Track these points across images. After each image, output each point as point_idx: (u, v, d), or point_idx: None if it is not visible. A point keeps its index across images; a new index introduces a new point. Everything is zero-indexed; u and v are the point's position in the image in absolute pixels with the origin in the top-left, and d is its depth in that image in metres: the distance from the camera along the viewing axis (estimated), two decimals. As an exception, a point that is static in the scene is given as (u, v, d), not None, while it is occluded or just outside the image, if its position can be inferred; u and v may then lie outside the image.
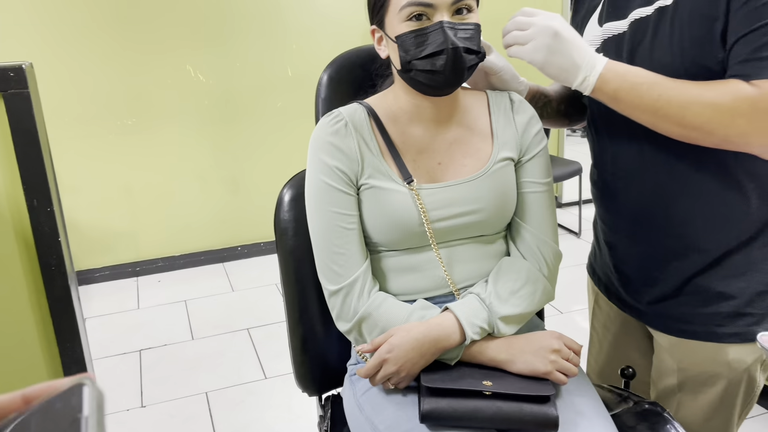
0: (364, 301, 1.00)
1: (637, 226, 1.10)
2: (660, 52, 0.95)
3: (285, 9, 3.28)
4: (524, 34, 0.96)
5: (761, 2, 0.83)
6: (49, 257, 1.49)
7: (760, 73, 0.85)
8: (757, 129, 0.86)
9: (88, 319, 2.90)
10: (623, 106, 0.95)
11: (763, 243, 1.00)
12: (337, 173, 1.00)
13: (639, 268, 1.14)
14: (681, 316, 1.08)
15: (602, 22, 1.07)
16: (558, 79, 0.97)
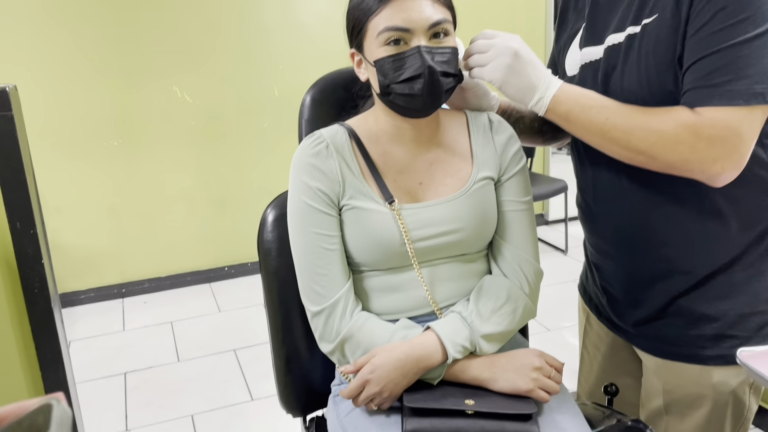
0: (346, 322, 1.00)
1: (621, 248, 1.11)
2: (629, 78, 0.97)
3: (271, 31, 3.31)
4: (485, 55, 0.98)
5: (712, 30, 0.85)
6: (31, 280, 1.48)
7: (703, 101, 0.86)
8: (699, 157, 0.87)
9: (73, 341, 2.87)
10: (574, 128, 0.97)
11: (745, 265, 1.01)
12: (319, 194, 1.01)
13: (624, 290, 1.14)
14: (666, 337, 1.09)
15: (582, 46, 1.10)
16: (515, 98, 0.99)
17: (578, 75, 1.09)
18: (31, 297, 1.49)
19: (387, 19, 0.93)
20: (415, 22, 0.92)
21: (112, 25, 3.05)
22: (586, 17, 1.10)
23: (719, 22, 0.84)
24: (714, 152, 0.86)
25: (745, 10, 0.82)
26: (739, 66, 0.83)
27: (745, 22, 0.82)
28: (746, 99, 0.84)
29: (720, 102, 0.85)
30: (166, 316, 3.10)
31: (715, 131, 0.85)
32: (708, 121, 0.86)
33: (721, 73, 0.84)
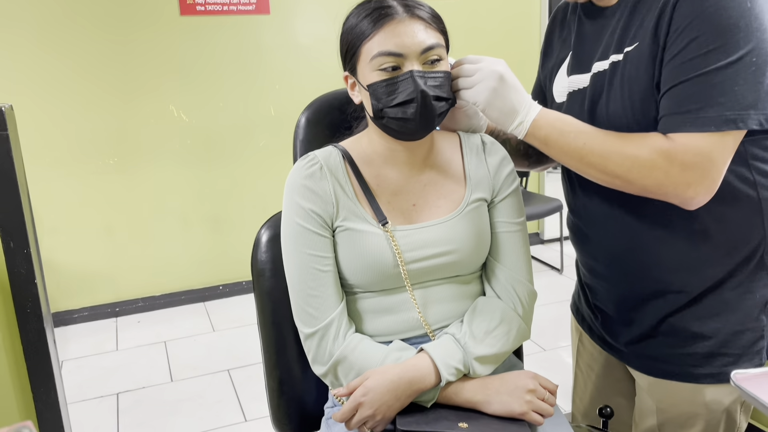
0: (339, 344, 0.99)
1: (612, 269, 1.12)
2: (614, 105, 0.99)
3: (268, 50, 3.34)
4: (471, 78, 1.00)
5: (685, 59, 0.87)
6: (24, 300, 1.47)
7: (676, 128, 0.89)
8: (673, 181, 0.90)
9: (65, 361, 2.84)
10: (553, 152, 1.00)
11: (735, 284, 1.01)
12: (312, 216, 1.01)
13: (617, 309, 1.15)
14: (659, 356, 1.09)
15: (569, 73, 1.12)
16: (497, 121, 1.01)
17: (566, 102, 1.12)
18: (23, 317, 1.48)
19: (380, 43, 0.94)
20: (408, 47, 0.93)
21: (109, 44, 3.07)
22: (572, 46, 1.13)
23: (692, 51, 0.87)
24: (687, 177, 0.89)
25: (717, 39, 0.85)
26: (710, 94, 0.86)
27: (716, 51, 0.85)
28: (717, 125, 0.86)
29: (692, 128, 0.88)
30: (159, 336, 3.08)
31: (688, 157, 0.88)
32: (681, 147, 0.88)
33: (693, 100, 0.87)
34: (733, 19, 0.85)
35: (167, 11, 3.13)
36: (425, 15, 0.96)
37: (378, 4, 0.96)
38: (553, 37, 1.23)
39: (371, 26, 0.94)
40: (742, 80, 0.85)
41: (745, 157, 0.96)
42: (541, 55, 1.27)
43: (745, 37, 0.85)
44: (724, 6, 0.85)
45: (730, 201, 0.97)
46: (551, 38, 1.24)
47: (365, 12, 0.96)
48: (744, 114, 0.86)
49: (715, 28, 0.85)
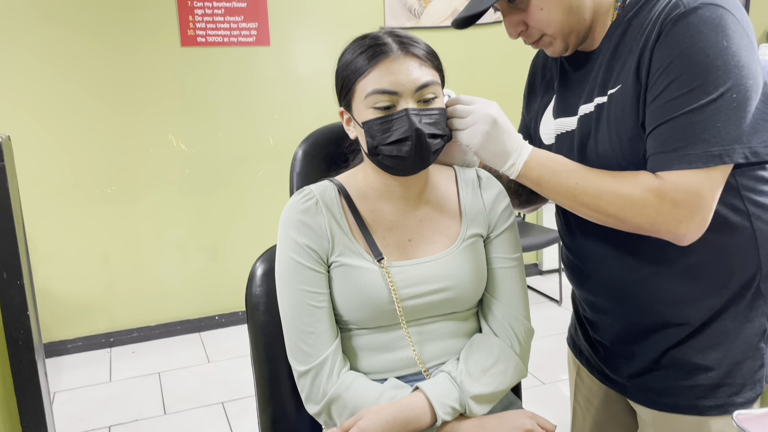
0: (333, 382, 0.98)
1: (612, 305, 1.12)
2: (603, 146, 1.00)
3: (267, 81, 3.36)
4: (464, 120, 1.01)
5: (669, 98, 0.89)
6: (16, 332, 1.45)
7: (664, 166, 0.91)
8: (665, 219, 0.91)
9: (57, 392, 2.80)
10: (546, 191, 1.01)
11: (735, 313, 1.02)
12: (307, 251, 1.00)
13: (617, 343, 1.14)
14: (661, 389, 1.08)
15: (555, 116, 1.13)
16: (489, 162, 1.02)
17: (555, 144, 1.13)
18: (14, 349, 1.46)
19: (375, 81, 0.94)
20: (402, 85, 0.93)
21: (109, 73, 3.09)
22: (557, 89, 1.14)
23: (673, 91, 0.89)
24: (678, 214, 0.90)
25: (697, 79, 0.87)
26: (694, 131, 0.88)
27: (697, 90, 0.87)
28: (704, 161, 0.88)
29: (680, 166, 0.89)
30: (153, 367, 3.04)
31: (678, 194, 0.90)
32: (671, 185, 0.90)
33: (678, 138, 0.89)
34: (710, 59, 0.87)
35: (168, 42, 3.16)
36: (420, 52, 0.96)
37: (373, 41, 0.96)
38: (535, 81, 1.25)
39: (366, 63, 0.95)
40: (724, 117, 0.87)
41: (737, 189, 0.97)
42: (525, 98, 1.29)
43: (723, 75, 0.87)
44: (701, 47, 0.87)
45: (725, 233, 0.98)
46: (534, 81, 1.26)
47: (360, 49, 0.96)
48: (729, 149, 0.88)
49: (694, 68, 0.88)
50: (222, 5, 3.20)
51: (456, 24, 1.06)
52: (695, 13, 0.88)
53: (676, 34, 0.89)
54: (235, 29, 3.25)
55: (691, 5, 0.89)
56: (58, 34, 2.98)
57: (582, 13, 1.00)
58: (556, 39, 1.03)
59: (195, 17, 3.17)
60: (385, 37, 0.96)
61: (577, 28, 1.02)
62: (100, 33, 3.05)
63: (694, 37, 0.88)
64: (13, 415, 1.48)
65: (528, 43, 1.07)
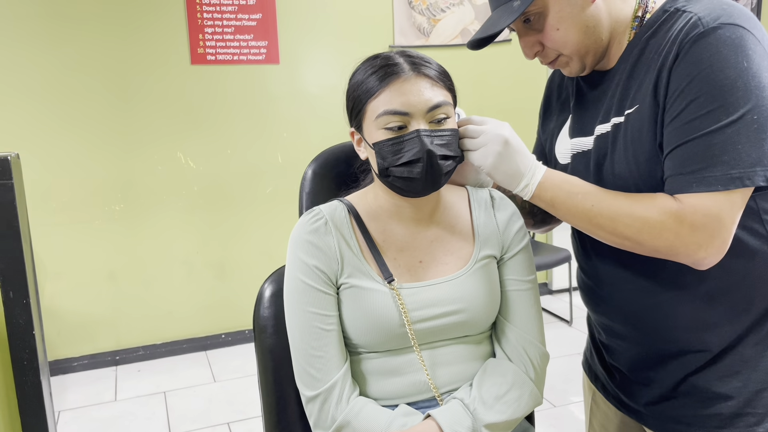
0: (342, 408, 0.95)
1: (629, 329, 1.09)
2: (620, 166, 0.99)
3: (276, 99, 3.37)
4: (476, 141, 0.99)
5: (686, 120, 0.88)
6: (21, 351, 1.44)
7: (683, 188, 0.89)
8: (684, 243, 0.89)
9: (62, 412, 2.78)
10: (561, 213, 0.99)
11: (754, 341, 0.99)
12: (316, 272, 0.98)
13: (635, 369, 1.11)
14: (680, 417, 1.05)
15: (572, 136, 1.12)
16: (502, 183, 1.01)
17: (571, 164, 1.11)
18: (19, 369, 1.45)
19: (386, 102, 0.92)
20: (414, 105, 0.92)
21: (119, 90, 3.11)
22: (572, 109, 1.13)
23: (692, 112, 0.87)
24: (697, 238, 0.88)
25: (716, 100, 0.86)
26: (714, 153, 0.86)
27: (716, 111, 0.86)
28: (724, 184, 0.86)
29: (699, 189, 0.87)
30: (159, 386, 3.01)
31: (697, 218, 0.88)
32: (690, 208, 0.88)
33: (697, 160, 0.87)
34: (730, 80, 0.85)
35: (178, 60, 3.18)
36: (432, 73, 0.95)
37: (384, 61, 0.95)
38: (551, 100, 1.24)
39: (377, 84, 0.93)
40: (744, 138, 0.85)
41: (757, 212, 0.95)
42: (540, 117, 1.28)
43: (744, 96, 0.85)
44: (720, 67, 0.86)
45: (745, 257, 0.95)
46: (549, 101, 1.24)
47: (372, 69, 0.95)
48: (750, 171, 0.85)
49: (713, 89, 0.86)
50: (232, 24, 3.22)
51: (471, 45, 1.05)
52: (714, 33, 0.86)
53: (695, 54, 0.87)
54: (245, 47, 3.27)
55: (710, 25, 0.87)
56: (68, 53, 3.01)
57: (599, 32, 0.99)
58: (573, 59, 1.02)
59: (205, 35, 3.19)
60: (397, 57, 0.95)
61: (593, 48, 1.00)
62: (110, 51, 3.07)
63: (713, 57, 0.86)
64: (16, 436, 1.47)
65: (544, 63, 1.06)
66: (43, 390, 1.49)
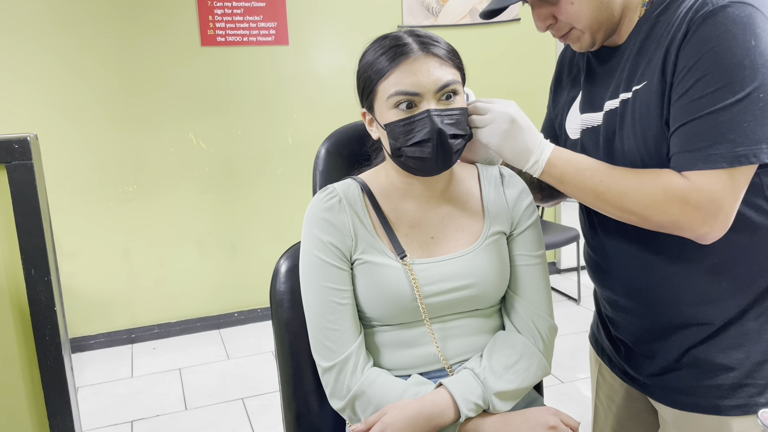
0: (357, 378, 0.99)
1: (633, 302, 1.11)
2: (628, 142, 1.00)
3: (286, 80, 3.39)
4: (483, 118, 1.01)
5: (693, 98, 0.89)
6: (43, 327, 1.48)
7: (689, 166, 0.90)
8: (688, 218, 0.91)
9: (81, 388, 2.85)
10: (569, 189, 1.01)
11: (757, 314, 1.01)
12: (331, 248, 1.01)
13: (639, 342, 1.14)
14: (683, 388, 1.07)
15: (582, 111, 1.14)
16: (511, 161, 1.02)
17: (580, 139, 1.13)
18: (42, 344, 1.49)
19: (397, 82, 0.94)
20: (424, 86, 0.94)
21: (131, 73, 3.13)
22: (582, 85, 1.14)
23: (699, 90, 0.89)
24: (701, 214, 0.90)
25: (723, 78, 0.87)
26: (720, 131, 0.88)
27: (723, 89, 0.87)
28: (729, 162, 0.88)
29: (705, 166, 0.89)
30: (174, 363, 3.08)
31: (702, 194, 0.89)
32: (695, 184, 0.90)
33: (703, 138, 0.89)
34: (737, 58, 0.86)
35: (188, 42, 3.19)
36: (441, 52, 0.96)
37: (394, 41, 0.96)
38: (562, 76, 1.25)
39: (387, 64, 0.95)
40: (750, 116, 0.86)
41: (761, 188, 0.96)
42: (551, 92, 1.29)
43: (750, 75, 0.86)
44: (728, 45, 0.87)
45: (747, 233, 0.97)
46: (560, 76, 1.26)
47: (381, 49, 0.97)
48: (755, 149, 0.87)
49: (720, 67, 0.87)
50: (241, 5, 3.23)
51: (483, 15, 1.07)
52: (723, 12, 0.87)
53: (703, 32, 0.89)
54: (255, 29, 3.28)
55: (719, 3, 0.88)
56: (81, 37, 3.03)
57: (612, 8, 1.00)
58: (585, 33, 1.03)
59: (215, 17, 3.20)
60: (406, 37, 0.97)
61: (606, 23, 1.02)
62: (121, 34, 3.09)
63: (721, 35, 0.87)
64: (40, 409, 1.51)
65: (556, 37, 1.07)
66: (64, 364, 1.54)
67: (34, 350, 1.48)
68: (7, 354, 1.43)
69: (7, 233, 1.40)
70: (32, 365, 1.48)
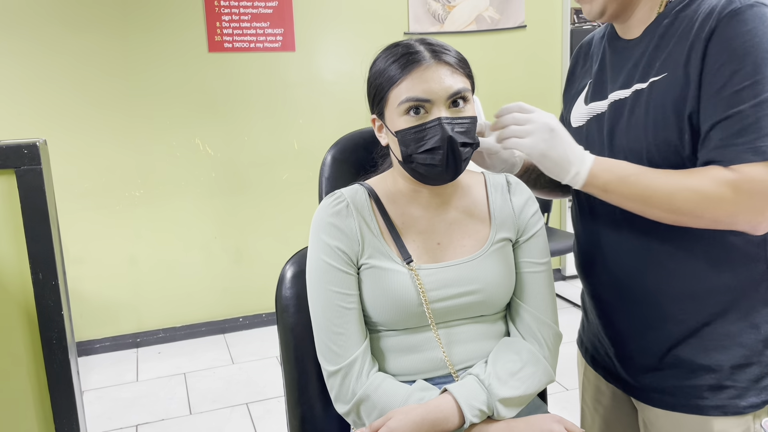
0: (362, 383, 0.99)
1: (616, 298, 1.13)
2: (635, 131, 1.02)
3: (292, 86, 3.40)
4: (522, 128, 1.01)
5: (733, 89, 0.90)
6: (50, 331, 1.49)
7: (737, 158, 0.91)
8: (742, 210, 0.92)
9: (86, 391, 2.86)
10: (614, 197, 1.00)
11: (738, 316, 1.02)
12: (338, 253, 1.02)
13: (622, 340, 1.15)
14: (665, 388, 1.09)
15: (588, 101, 1.15)
16: (551, 172, 1.02)
17: (585, 127, 1.15)
18: (49, 348, 1.50)
19: (408, 89, 0.95)
20: (435, 93, 0.95)
21: (137, 80, 3.16)
22: (594, 74, 1.16)
23: (737, 83, 0.90)
24: (756, 204, 0.91)
25: (759, 71, 0.89)
26: (764, 124, 0.89)
27: (762, 81, 0.89)
28: None
29: (754, 158, 0.90)
30: (179, 367, 3.09)
31: (755, 185, 0.90)
32: (746, 176, 0.91)
33: (750, 130, 0.90)
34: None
35: (196, 48, 3.22)
36: (452, 60, 0.97)
37: (405, 49, 0.97)
38: (575, 70, 1.27)
39: (399, 72, 0.96)
40: None
41: None
42: (564, 88, 1.31)
43: None
44: (759, 41, 0.89)
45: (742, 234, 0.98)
46: (574, 70, 1.27)
47: (393, 57, 0.98)
48: None
49: (757, 59, 0.89)
50: (248, 11, 3.25)
51: None
52: (751, 10, 0.90)
53: (733, 28, 0.91)
54: (261, 35, 3.30)
55: (746, 2, 0.91)
56: (89, 42, 3.05)
57: None
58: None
59: (222, 23, 3.23)
60: (417, 45, 0.98)
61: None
62: (129, 40, 3.11)
63: (752, 30, 0.89)
64: (47, 412, 1.52)
65: None
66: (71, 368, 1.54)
67: (41, 353, 1.49)
68: (14, 357, 1.44)
69: (15, 237, 1.41)
70: (39, 368, 1.49)
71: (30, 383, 1.48)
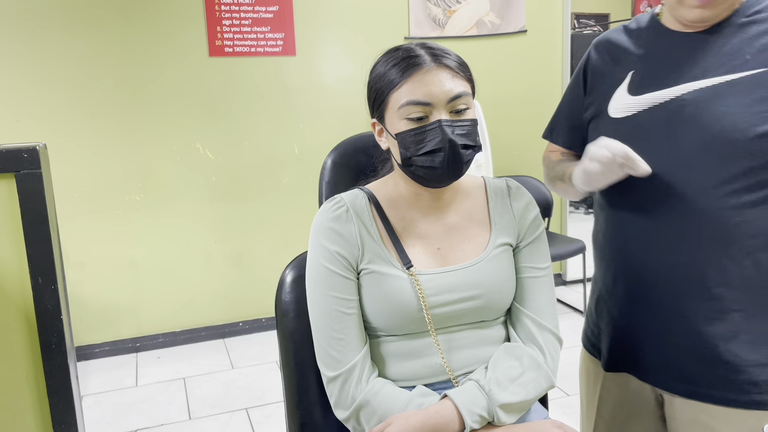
0: (362, 388, 0.99)
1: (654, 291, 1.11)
2: (732, 117, 1.01)
3: (293, 91, 3.41)
4: None
5: None
6: (49, 335, 1.48)
7: None
8: None
9: (86, 396, 2.85)
10: None
11: None
12: (338, 258, 1.01)
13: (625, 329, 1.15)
14: (720, 384, 1.06)
15: (634, 92, 1.12)
16: None
17: (635, 117, 1.11)
18: (48, 352, 1.49)
19: (408, 93, 0.95)
20: (435, 96, 0.95)
21: (138, 84, 3.16)
22: (640, 66, 1.13)
23: None
24: None
25: None
26: None
27: None
28: None
29: None
30: (179, 372, 3.08)
31: None
32: None
33: None
34: None
35: (196, 52, 3.22)
36: (452, 64, 0.97)
37: (406, 53, 0.98)
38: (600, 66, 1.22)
39: (399, 75, 0.96)
40: None
41: None
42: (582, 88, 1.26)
43: None
44: None
45: None
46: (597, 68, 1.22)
47: (393, 61, 0.98)
48: None
49: None
50: (249, 16, 3.26)
51: None
52: None
53: None
54: (262, 39, 3.30)
55: None
56: (89, 46, 3.06)
57: None
58: None
59: (223, 28, 3.23)
60: (418, 49, 0.98)
61: None
62: (130, 44, 3.12)
63: None
64: (45, 417, 1.51)
65: None
66: (70, 372, 1.54)
67: (39, 358, 1.49)
68: (13, 361, 1.44)
69: (15, 241, 1.41)
70: (38, 373, 1.49)
71: (29, 387, 1.47)
